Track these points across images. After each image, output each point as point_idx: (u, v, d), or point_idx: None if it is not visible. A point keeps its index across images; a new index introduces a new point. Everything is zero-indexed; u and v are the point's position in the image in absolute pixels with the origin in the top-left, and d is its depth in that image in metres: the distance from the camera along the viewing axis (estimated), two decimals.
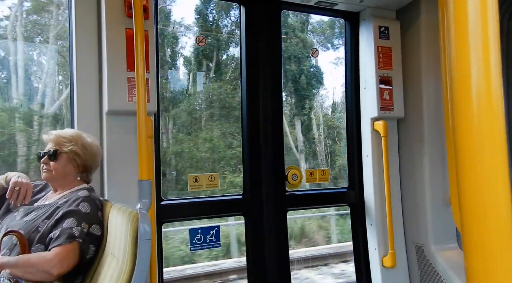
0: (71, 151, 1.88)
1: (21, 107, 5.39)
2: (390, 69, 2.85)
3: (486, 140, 0.52)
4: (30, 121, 5.40)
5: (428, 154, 2.81)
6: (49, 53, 5.79)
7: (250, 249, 2.67)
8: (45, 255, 1.60)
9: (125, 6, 2.15)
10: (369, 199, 2.91)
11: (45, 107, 5.63)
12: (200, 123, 7.77)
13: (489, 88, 0.52)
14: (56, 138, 1.89)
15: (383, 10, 2.91)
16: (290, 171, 2.78)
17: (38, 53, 5.93)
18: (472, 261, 0.53)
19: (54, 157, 1.86)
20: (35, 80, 5.75)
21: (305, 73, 8.22)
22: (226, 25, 8.07)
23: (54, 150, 1.87)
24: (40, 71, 5.60)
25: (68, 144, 1.88)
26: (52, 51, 5.64)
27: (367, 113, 2.91)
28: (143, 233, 1.47)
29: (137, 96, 1.76)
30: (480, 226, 0.52)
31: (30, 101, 5.55)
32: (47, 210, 1.76)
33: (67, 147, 1.87)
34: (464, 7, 0.53)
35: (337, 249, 7.46)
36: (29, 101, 5.53)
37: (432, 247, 2.77)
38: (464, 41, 0.53)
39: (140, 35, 1.76)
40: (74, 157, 1.90)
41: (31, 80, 5.60)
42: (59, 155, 1.87)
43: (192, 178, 2.51)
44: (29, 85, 5.52)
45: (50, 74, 5.58)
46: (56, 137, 1.89)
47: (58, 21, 5.51)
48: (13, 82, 5.21)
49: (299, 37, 8.32)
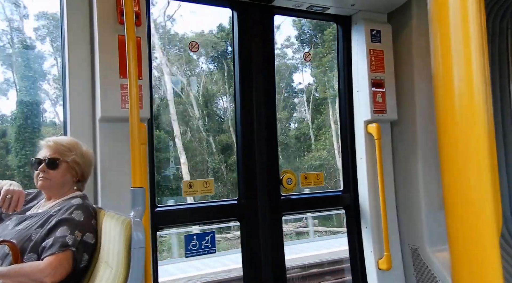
0: (72, 161, 1.87)
1: None
2: (382, 72, 2.86)
3: (469, 143, 0.52)
4: None
5: (422, 156, 2.83)
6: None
7: (246, 253, 2.66)
8: (38, 264, 1.58)
9: (117, 13, 2.15)
10: (364, 202, 2.91)
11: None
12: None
13: (471, 91, 0.52)
14: (56, 146, 1.87)
15: (374, 14, 2.93)
16: (285, 175, 2.78)
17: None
18: (457, 261, 0.53)
19: (54, 165, 1.84)
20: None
21: None
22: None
23: (54, 158, 1.85)
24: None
25: (69, 153, 1.87)
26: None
27: (360, 116, 2.92)
28: (137, 241, 1.47)
29: (130, 102, 1.76)
30: (464, 227, 0.52)
31: None
32: (40, 219, 1.74)
33: (68, 157, 1.86)
34: (445, 9, 0.54)
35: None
36: None
37: (427, 249, 2.77)
38: (446, 44, 0.54)
39: (132, 41, 1.76)
40: (74, 166, 1.89)
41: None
42: (59, 164, 1.85)
43: (186, 184, 2.50)
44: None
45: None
46: (55, 145, 1.87)
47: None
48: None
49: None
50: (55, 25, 11.21)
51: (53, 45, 11.65)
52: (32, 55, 11.45)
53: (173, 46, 12.03)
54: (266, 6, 2.75)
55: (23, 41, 11.55)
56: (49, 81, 11.55)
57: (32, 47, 11.71)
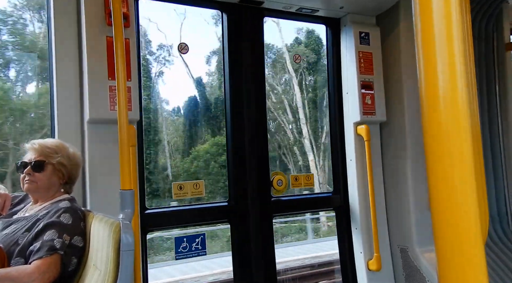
0: (58, 163, 1.85)
1: None
2: (371, 74, 2.89)
3: (453, 144, 0.53)
4: None
5: (411, 157, 2.86)
6: None
7: (237, 255, 2.65)
8: (25, 268, 1.56)
9: (106, 14, 2.14)
10: (354, 203, 2.93)
11: None
12: None
13: (455, 93, 0.53)
14: (41, 149, 1.85)
15: (363, 17, 2.96)
16: (275, 177, 2.78)
17: None
18: (443, 261, 0.54)
19: (40, 168, 1.82)
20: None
21: None
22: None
23: (40, 160, 1.83)
24: None
25: (55, 155, 1.85)
26: None
27: (350, 118, 2.94)
28: (126, 244, 1.45)
29: (118, 104, 1.75)
30: (450, 228, 0.53)
31: None
32: (27, 223, 1.72)
33: (54, 159, 1.84)
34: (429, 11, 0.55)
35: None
36: None
37: (416, 250, 2.80)
38: (430, 47, 0.55)
39: (120, 43, 1.75)
40: (60, 168, 1.86)
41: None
42: (45, 166, 1.83)
43: (176, 186, 2.49)
44: None
45: None
46: (40, 147, 1.85)
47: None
48: None
49: None
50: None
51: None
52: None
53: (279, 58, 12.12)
54: (255, 8, 2.75)
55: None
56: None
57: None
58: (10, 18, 4.85)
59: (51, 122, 2.26)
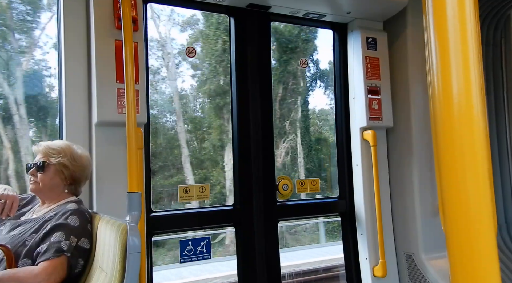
0: (58, 163, 1.85)
1: None
2: (378, 79, 2.89)
3: (467, 150, 0.53)
4: None
5: (417, 163, 2.84)
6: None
7: (241, 260, 2.65)
8: (32, 269, 1.57)
9: (115, 18, 2.16)
10: (360, 208, 2.92)
11: None
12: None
13: (469, 99, 0.53)
14: (45, 150, 1.87)
15: (370, 22, 2.96)
16: (281, 181, 2.78)
17: None
18: (456, 266, 0.53)
19: (42, 168, 1.84)
20: None
21: None
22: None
23: (42, 161, 1.84)
24: None
25: (56, 156, 1.86)
26: None
27: (356, 123, 2.93)
28: (132, 246, 1.46)
29: (127, 107, 1.76)
30: (463, 232, 0.53)
31: None
32: (34, 224, 1.73)
33: (55, 159, 1.85)
34: (443, 18, 0.54)
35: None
36: None
37: (422, 256, 2.78)
38: (444, 51, 0.55)
39: (129, 46, 1.76)
40: (62, 169, 1.87)
41: None
42: (46, 167, 1.84)
43: (182, 189, 2.49)
44: None
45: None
46: (44, 149, 1.87)
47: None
48: None
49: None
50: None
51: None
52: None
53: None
54: (263, 13, 2.76)
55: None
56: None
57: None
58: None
59: (59, 124, 2.27)
